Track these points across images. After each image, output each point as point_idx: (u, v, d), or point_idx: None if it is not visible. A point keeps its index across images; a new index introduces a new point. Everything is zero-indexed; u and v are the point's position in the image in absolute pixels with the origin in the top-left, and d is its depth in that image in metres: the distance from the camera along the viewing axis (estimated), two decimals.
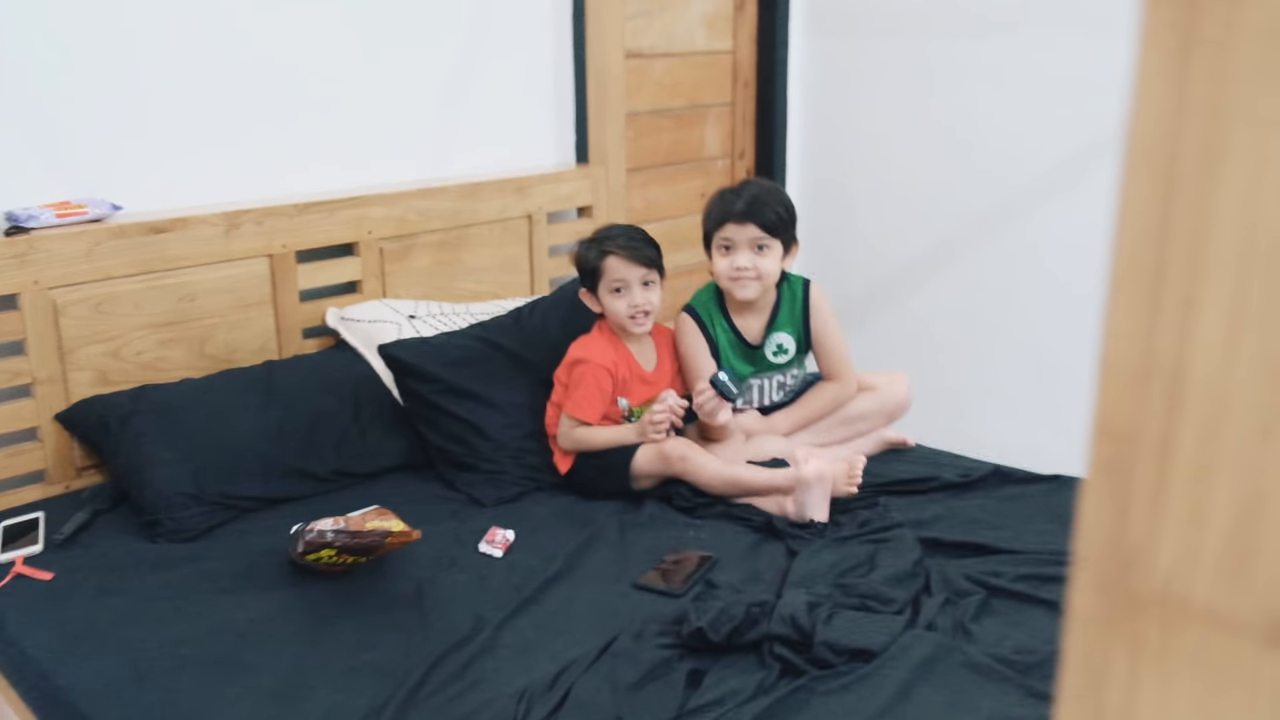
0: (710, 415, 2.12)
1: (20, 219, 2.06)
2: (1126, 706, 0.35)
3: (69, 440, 2.16)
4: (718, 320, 2.31)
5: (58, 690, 1.59)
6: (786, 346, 2.33)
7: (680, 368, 2.33)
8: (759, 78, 3.53)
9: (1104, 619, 0.36)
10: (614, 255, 2.19)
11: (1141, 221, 0.34)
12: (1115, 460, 0.35)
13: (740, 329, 2.31)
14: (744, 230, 2.21)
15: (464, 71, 2.75)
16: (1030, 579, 1.76)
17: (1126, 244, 0.34)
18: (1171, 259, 0.34)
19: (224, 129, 2.35)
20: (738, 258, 2.22)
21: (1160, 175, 0.34)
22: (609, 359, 2.21)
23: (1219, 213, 0.33)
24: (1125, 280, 0.34)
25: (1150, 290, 0.34)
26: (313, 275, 2.45)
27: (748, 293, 2.24)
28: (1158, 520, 0.35)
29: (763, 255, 2.22)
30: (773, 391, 2.37)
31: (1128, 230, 0.34)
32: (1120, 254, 0.34)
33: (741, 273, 2.22)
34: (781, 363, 2.34)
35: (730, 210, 2.22)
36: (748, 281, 2.22)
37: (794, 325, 2.33)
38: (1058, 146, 3.02)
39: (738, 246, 2.22)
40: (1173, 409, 0.34)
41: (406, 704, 1.48)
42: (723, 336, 2.31)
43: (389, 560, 1.87)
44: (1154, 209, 0.34)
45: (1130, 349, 0.35)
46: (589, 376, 2.19)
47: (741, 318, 2.31)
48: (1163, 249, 0.34)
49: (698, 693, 1.49)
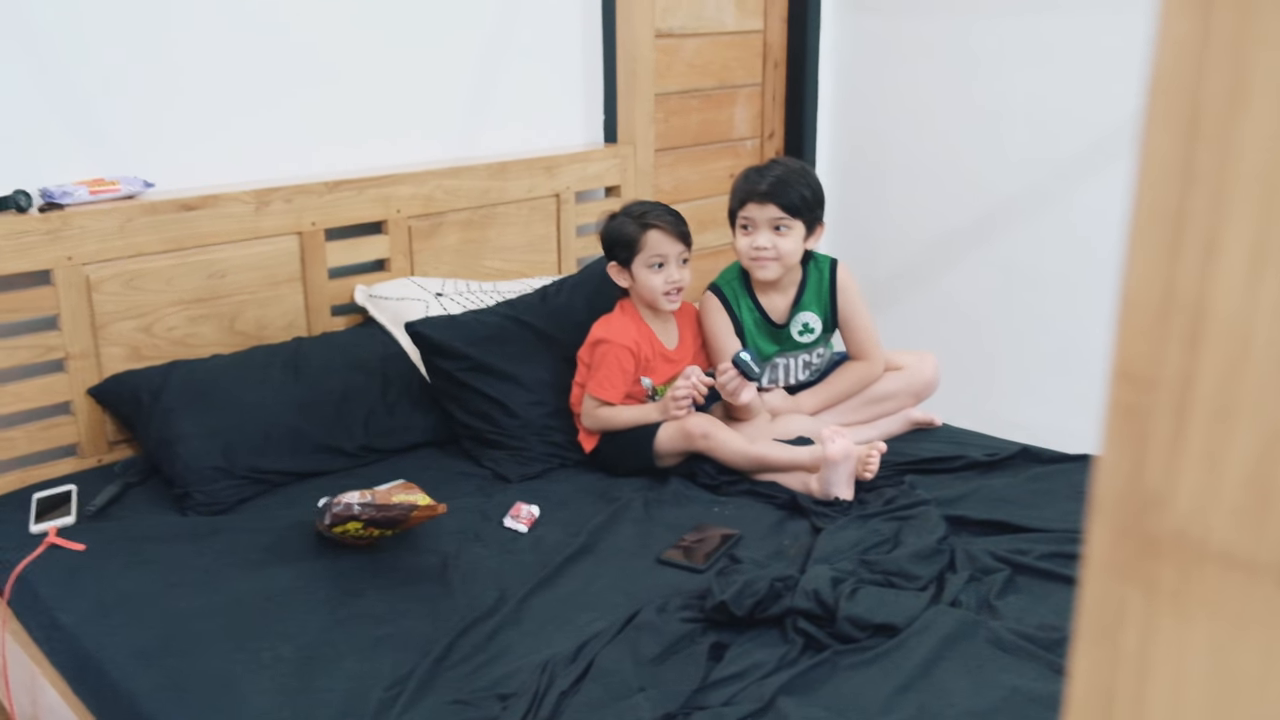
0: (733, 395, 2.12)
1: (54, 195, 2.08)
2: (1142, 650, 0.35)
3: (101, 414, 2.19)
4: (743, 299, 2.31)
5: (89, 658, 1.62)
6: (812, 326, 2.33)
7: (704, 346, 2.33)
8: (789, 58, 3.52)
9: (1120, 563, 0.36)
10: (656, 229, 2.18)
11: (1164, 160, 0.34)
12: (1134, 403, 0.35)
13: (765, 308, 2.31)
14: (764, 210, 2.20)
15: (494, 51, 2.75)
16: (1056, 557, 1.75)
17: (1148, 184, 0.34)
18: (1194, 198, 0.33)
19: (255, 107, 2.37)
20: (757, 238, 2.21)
21: (1184, 113, 0.33)
22: (631, 338, 2.21)
23: (1243, 151, 0.33)
24: (1146, 221, 0.34)
25: (1172, 230, 0.34)
26: (342, 253, 2.47)
27: (767, 273, 2.23)
28: (1176, 463, 0.34)
29: (782, 236, 2.21)
30: (798, 371, 2.37)
31: (1150, 170, 0.34)
32: (1142, 194, 0.34)
33: (760, 253, 2.21)
34: (807, 342, 2.34)
35: (753, 189, 2.21)
36: (766, 262, 2.22)
37: (820, 305, 2.33)
38: (1090, 128, 2.99)
39: (757, 226, 2.22)
40: (1193, 350, 0.34)
41: (431, 674, 1.50)
42: (748, 315, 2.30)
43: (414, 534, 1.89)
44: (1177, 147, 0.33)
45: (1151, 290, 0.34)
46: (611, 356, 2.19)
47: (767, 297, 2.31)
48: (1185, 188, 0.34)
49: (720, 665, 1.49)
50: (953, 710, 1.38)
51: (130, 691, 1.52)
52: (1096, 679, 0.36)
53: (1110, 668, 0.36)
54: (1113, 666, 0.36)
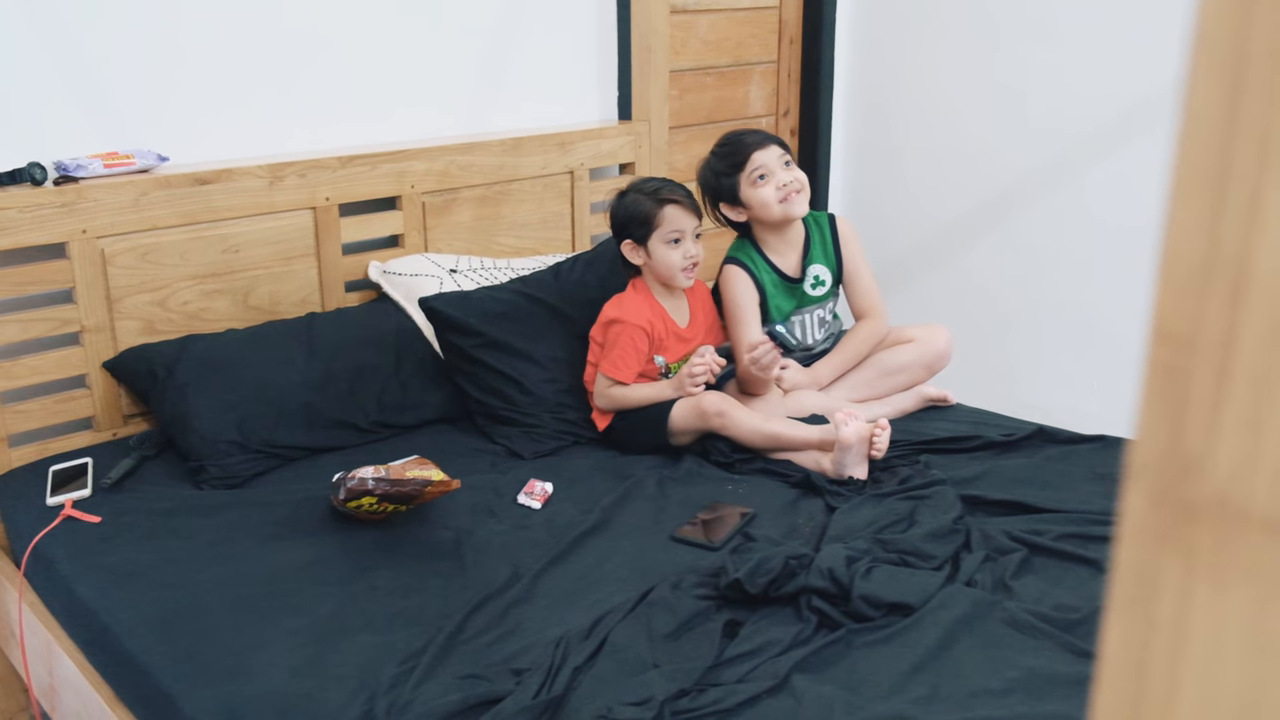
0: (765, 370, 2.13)
1: (69, 169, 2.08)
2: (1179, 617, 0.34)
3: (116, 388, 2.19)
4: (759, 262, 2.33)
5: (105, 629, 1.63)
6: (823, 278, 2.37)
7: (726, 318, 2.33)
8: (805, 34, 3.49)
9: (1157, 529, 0.35)
10: (674, 205, 2.18)
11: (1208, 115, 0.33)
12: (1173, 365, 0.34)
13: (780, 266, 2.34)
14: (770, 152, 2.27)
15: (508, 26, 2.73)
16: (1073, 538, 1.74)
17: (1191, 139, 0.33)
18: (1238, 154, 0.32)
19: (269, 81, 2.36)
20: (778, 176, 2.26)
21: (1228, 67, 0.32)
22: (644, 317, 2.20)
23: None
24: (1188, 177, 0.33)
25: (1214, 187, 0.33)
26: (355, 228, 2.46)
27: (801, 208, 2.29)
28: (1215, 427, 0.33)
29: (793, 169, 2.29)
30: (814, 328, 2.40)
31: (1193, 124, 0.33)
32: (1184, 149, 0.33)
33: (788, 188, 2.26)
34: (820, 295, 2.38)
35: (746, 144, 2.28)
36: (795, 196, 2.27)
37: (827, 257, 2.38)
38: (1110, 106, 2.96)
39: (772, 169, 2.26)
40: (1234, 310, 0.33)
41: (445, 649, 1.50)
42: (767, 277, 2.33)
43: (428, 509, 1.89)
44: (1221, 102, 0.32)
45: (1192, 250, 0.33)
46: (624, 336, 2.18)
47: (779, 255, 2.35)
48: (1229, 145, 0.33)
49: (734, 643, 1.49)
50: (967, 690, 1.38)
51: (145, 663, 1.53)
52: (1130, 647, 0.36)
53: (1144, 636, 0.35)
54: (1147, 635, 0.35)
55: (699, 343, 2.26)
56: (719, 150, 2.34)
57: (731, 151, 2.30)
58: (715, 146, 2.36)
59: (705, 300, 2.35)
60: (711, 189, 2.34)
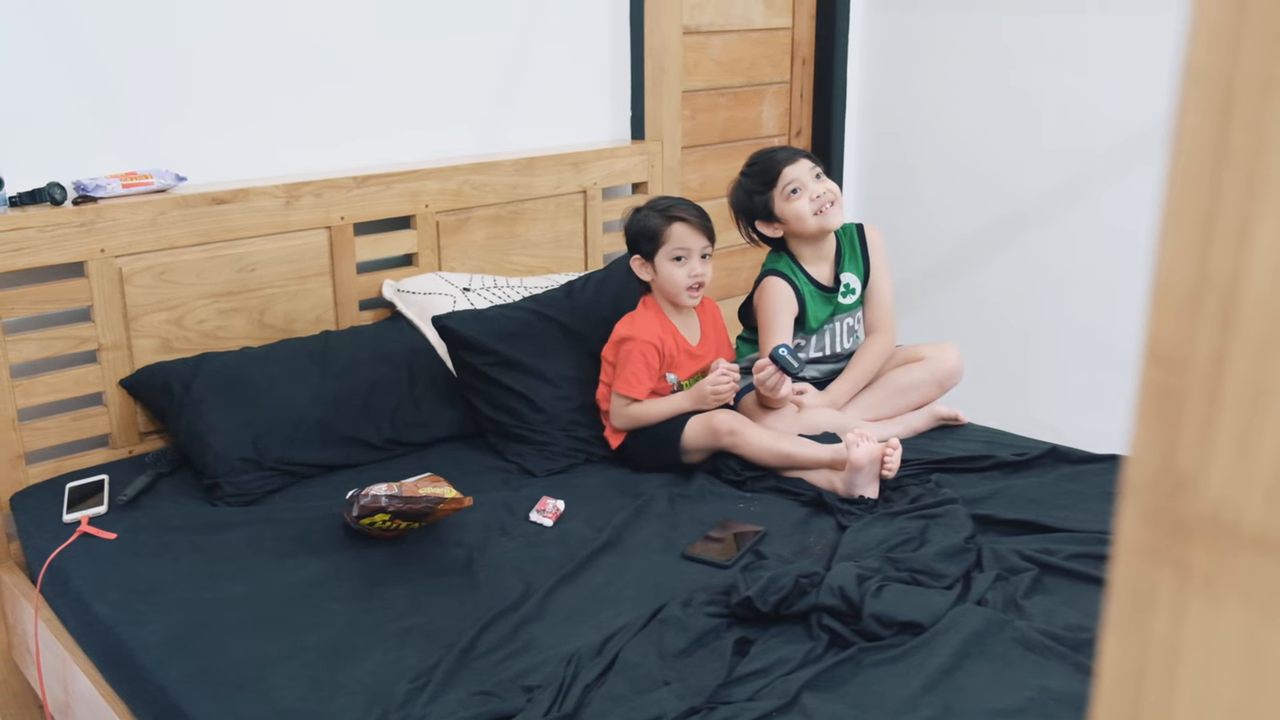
0: (773, 390, 2.12)
1: (88, 188, 2.10)
2: (1173, 634, 0.35)
3: (133, 405, 2.21)
4: (799, 275, 2.36)
5: (120, 646, 1.64)
6: (853, 286, 2.41)
7: (760, 327, 2.35)
8: (818, 54, 3.51)
9: (1151, 547, 0.36)
10: (681, 222, 2.20)
11: (1198, 142, 0.34)
12: (1166, 386, 0.35)
13: (816, 277, 2.37)
14: (800, 166, 2.30)
15: (522, 45, 2.76)
16: (1084, 557, 1.74)
17: (1182, 165, 0.34)
18: (1228, 179, 0.33)
19: (284, 102, 2.39)
20: (811, 189, 2.29)
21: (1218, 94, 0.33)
22: (655, 335, 2.21)
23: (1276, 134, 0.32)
24: (1179, 202, 0.34)
25: (1205, 211, 0.34)
26: (370, 247, 2.48)
27: (837, 219, 2.31)
28: (1208, 446, 0.34)
29: (825, 181, 2.31)
30: (844, 337, 2.43)
31: (1183, 150, 0.34)
32: (1175, 176, 0.34)
33: (822, 200, 2.28)
34: (850, 303, 2.41)
35: (777, 160, 2.31)
36: (830, 208, 2.29)
37: (856, 265, 2.42)
38: (1122, 127, 2.96)
39: (804, 183, 2.29)
40: (1225, 332, 0.33)
41: (457, 665, 1.51)
42: (806, 289, 2.36)
43: (441, 527, 1.90)
44: (1211, 128, 0.33)
45: (1183, 271, 0.34)
46: (636, 353, 2.19)
47: (815, 267, 2.38)
48: (1219, 170, 0.33)
49: (745, 661, 1.49)
50: (978, 709, 1.37)
51: (160, 680, 1.54)
52: (1127, 663, 0.36)
53: (1141, 652, 0.36)
54: (1143, 650, 0.36)
55: (710, 360, 2.27)
56: (749, 170, 2.36)
57: (763, 169, 2.33)
58: (745, 166, 2.38)
59: (716, 318, 2.36)
60: (745, 209, 2.37)
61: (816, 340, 2.40)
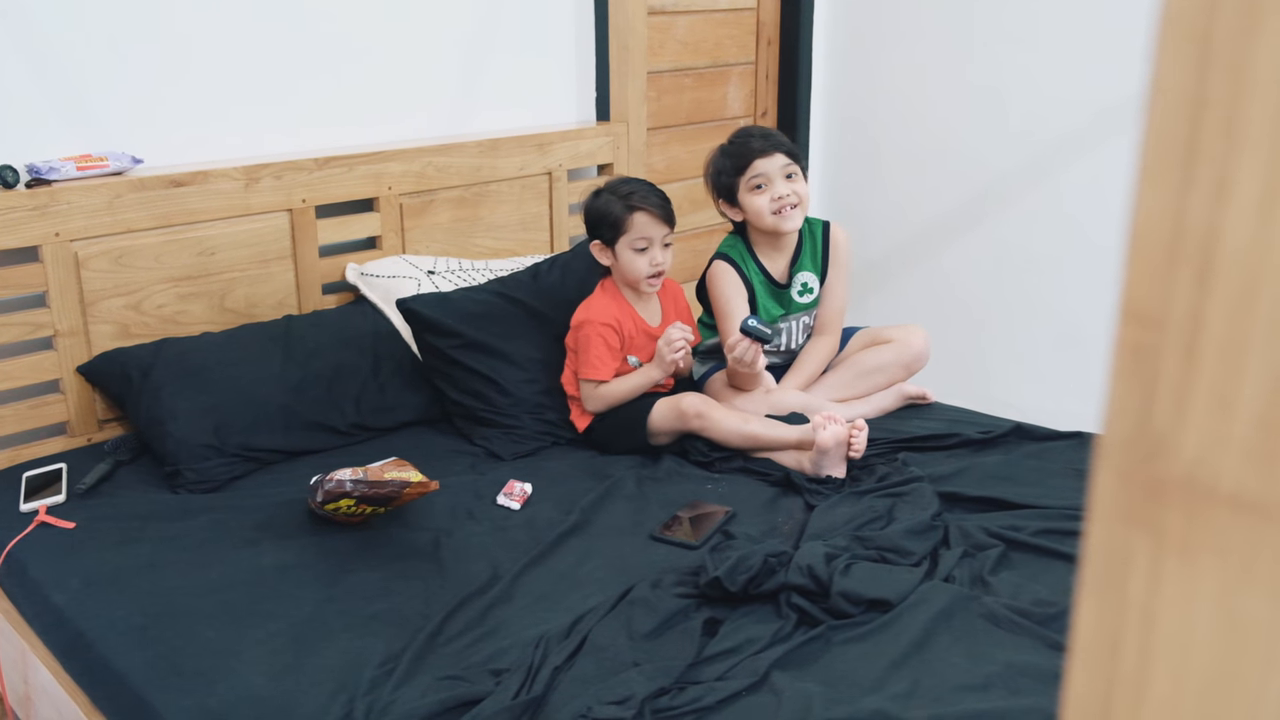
0: (750, 364, 2.11)
1: (41, 171, 2.06)
2: (1149, 596, 0.34)
3: (91, 393, 2.17)
4: (750, 263, 2.34)
5: (80, 636, 1.61)
6: (811, 285, 2.38)
7: (715, 314, 2.34)
8: (783, 35, 3.50)
9: (1127, 508, 0.35)
10: (643, 211, 2.17)
11: (1175, 91, 0.33)
12: (1142, 344, 0.34)
13: (769, 270, 2.34)
14: (772, 161, 2.25)
15: (486, 27, 2.73)
16: (1050, 533, 1.75)
17: (1159, 115, 0.33)
18: (1205, 130, 0.32)
19: (245, 84, 2.35)
20: (775, 188, 2.25)
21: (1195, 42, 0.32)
22: (611, 316, 2.21)
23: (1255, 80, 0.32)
24: (1156, 154, 0.33)
25: (1182, 164, 0.33)
26: (332, 230, 2.45)
27: (794, 223, 2.28)
28: (1184, 405, 0.33)
29: (794, 181, 2.27)
30: (798, 334, 2.41)
31: (1160, 101, 0.33)
32: (1152, 126, 0.33)
33: (783, 201, 2.25)
34: (806, 302, 2.39)
35: (754, 148, 2.26)
36: (789, 211, 2.25)
37: (815, 264, 2.39)
38: (1085, 108, 2.97)
39: (771, 179, 2.25)
40: (1203, 287, 0.33)
41: (424, 650, 1.49)
42: (756, 279, 2.34)
43: (407, 511, 1.88)
44: (1189, 77, 0.32)
45: (1160, 226, 0.33)
46: (594, 335, 2.19)
47: (769, 259, 2.35)
48: (1196, 122, 0.33)
49: (714, 641, 1.49)
50: (946, 685, 1.38)
51: (122, 670, 1.51)
52: (1102, 626, 0.36)
53: (1116, 615, 0.35)
54: (1119, 614, 0.35)
55: None
56: (727, 148, 2.32)
57: (736, 153, 2.29)
58: (726, 141, 2.34)
59: (678, 298, 2.35)
60: (715, 184, 2.34)
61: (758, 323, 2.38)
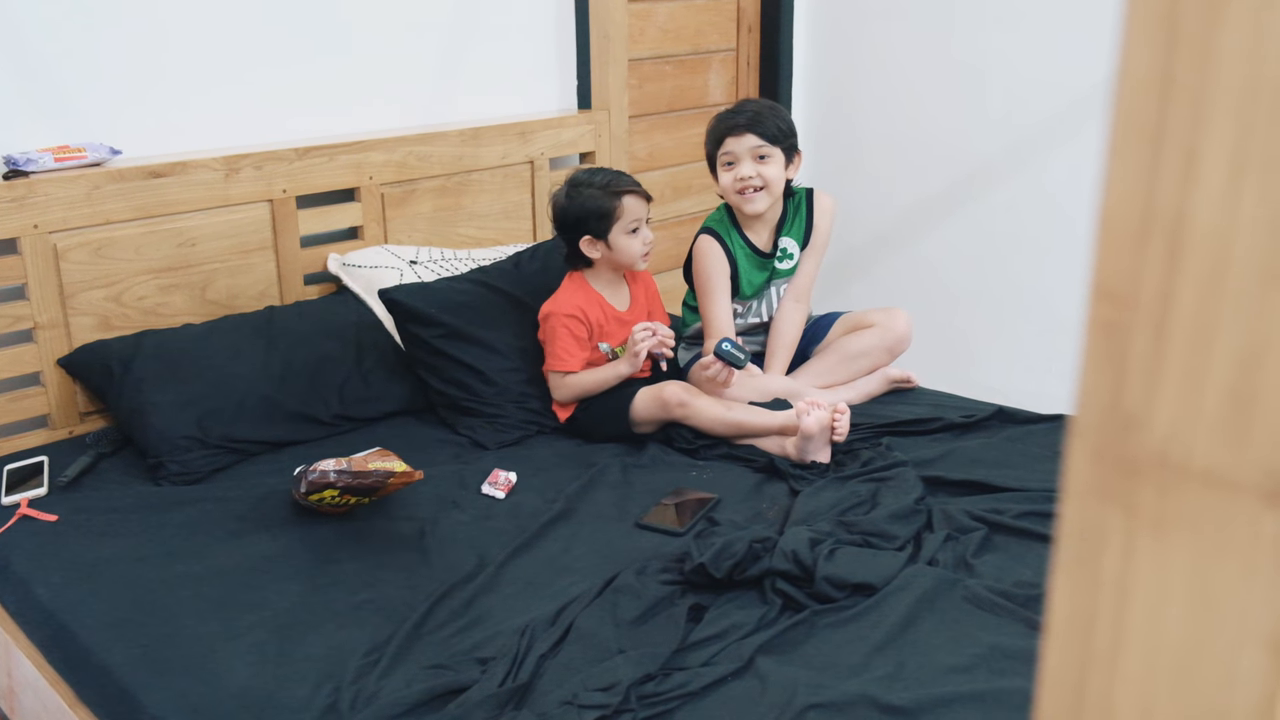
0: (722, 385, 2.15)
1: (19, 162, 2.04)
2: (1123, 573, 0.35)
3: (72, 385, 2.16)
4: (734, 236, 2.35)
5: (63, 629, 1.61)
6: (791, 251, 2.40)
7: (697, 290, 2.35)
8: (763, 22, 3.49)
9: (1100, 487, 0.35)
10: (630, 194, 2.20)
11: (1142, 73, 0.33)
12: (1113, 322, 0.34)
13: (754, 241, 2.36)
14: (743, 141, 2.25)
15: (467, 15, 2.71)
16: (1033, 515, 1.76)
17: (1127, 97, 0.33)
18: (1173, 111, 0.33)
19: (224, 73, 2.33)
20: (740, 168, 2.26)
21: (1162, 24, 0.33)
22: (574, 306, 2.21)
23: (1221, 61, 0.32)
24: (1125, 135, 0.33)
25: (1151, 144, 0.33)
26: (314, 221, 2.44)
27: (756, 205, 2.28)
28: (1156, 382, 0.34)
29: (764, 164, 2.26)
30: (777, 300, 2.43)
31: (1128, 82, 0.33)
32: (1121, 107, 0.33)
33: (746, 182, 2.26)
34: (787, 269, 2.40)
35: (730, 125, 2.27)
36: (753, 193, 2.26)
37: (799, 230, 2.40)
38: (1067, 91, 2.98)
39: (739, 159, 2.26)
40: (1173, 265, 0.33)
41: (410, 639, 1.49)
42: (739, 251, 2.35)
43: (392, 501, 1.88)
44: (1156, 59, 0.33)
45: (1130, 206, 0.34)
46: (559, 326, 2.20)
47: (754, 231, 2.37)
48: (1164, 100, 0.33)
49: (699, 627, 1.49)
50: (931, 667, 1.39)
51: (105, 662, 1.51)
52: (1077, 602, 0.36)
53: (1091, 591, 0.36)
54: (1093, 590, 0.35)
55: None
56: (714, 121, 2.33)
57: (715, 126, 2.32)
58: (720, 112, 2.34)
59: (649, 284, 2.37)
60: (706, 153, 2.36)
61: (755, 306, 2.40)
